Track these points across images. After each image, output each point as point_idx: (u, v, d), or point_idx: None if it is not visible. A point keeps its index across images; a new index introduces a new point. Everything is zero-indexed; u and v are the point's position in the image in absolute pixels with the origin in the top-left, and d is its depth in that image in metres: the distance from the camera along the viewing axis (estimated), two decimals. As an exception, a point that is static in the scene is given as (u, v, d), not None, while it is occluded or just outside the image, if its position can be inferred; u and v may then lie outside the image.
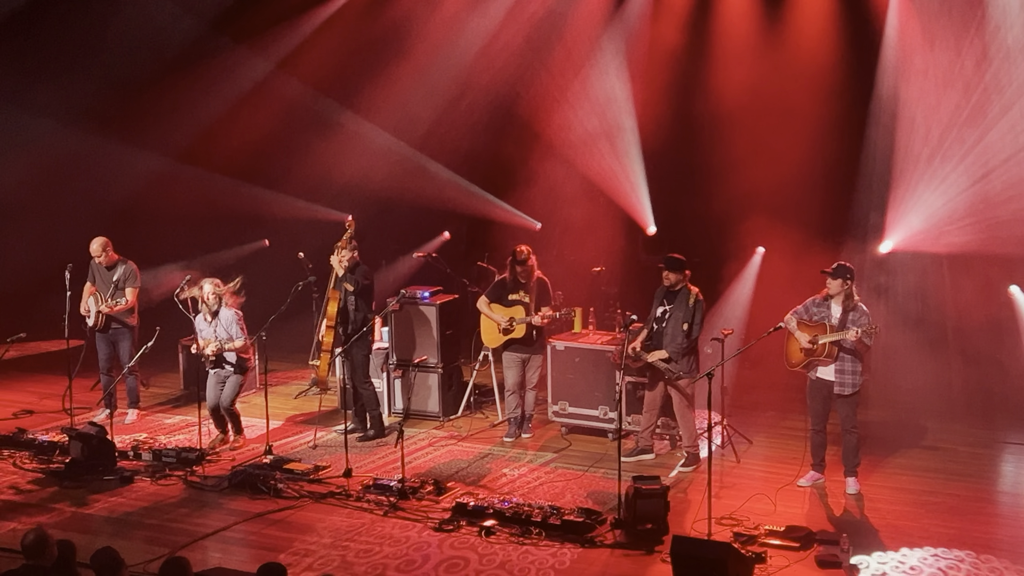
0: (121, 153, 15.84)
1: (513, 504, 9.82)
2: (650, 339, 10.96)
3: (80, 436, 11.10)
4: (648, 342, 10.95)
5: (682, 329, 10.72)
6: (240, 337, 11.58)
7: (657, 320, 10.95)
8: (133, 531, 9.73)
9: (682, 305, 10.80)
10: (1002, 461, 11.38)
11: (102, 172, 15.89)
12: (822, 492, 10.38)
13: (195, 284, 11.61)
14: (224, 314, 11.58)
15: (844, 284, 10.12)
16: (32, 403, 13.35)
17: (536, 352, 11.94)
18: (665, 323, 10.86)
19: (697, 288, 10.91)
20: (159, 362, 13.84)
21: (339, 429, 11.89)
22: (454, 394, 12.84)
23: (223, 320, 11.56)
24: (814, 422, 10.45)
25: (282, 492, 10.46)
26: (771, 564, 8.84)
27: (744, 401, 12.54)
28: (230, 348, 11.55)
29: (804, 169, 13.64)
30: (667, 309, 10.89)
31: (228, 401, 11.71)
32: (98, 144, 15.74)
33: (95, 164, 15.84)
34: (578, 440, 11.93)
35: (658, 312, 10.97)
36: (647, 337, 10.98)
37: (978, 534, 9.43)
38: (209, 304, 11.53)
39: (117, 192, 15.84)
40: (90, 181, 15.85)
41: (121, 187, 15.90)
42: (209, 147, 15.72)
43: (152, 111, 15.79)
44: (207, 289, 11.56)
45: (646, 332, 11.00)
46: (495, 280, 12.28)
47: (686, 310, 10.75)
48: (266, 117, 15.68)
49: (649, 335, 10.97)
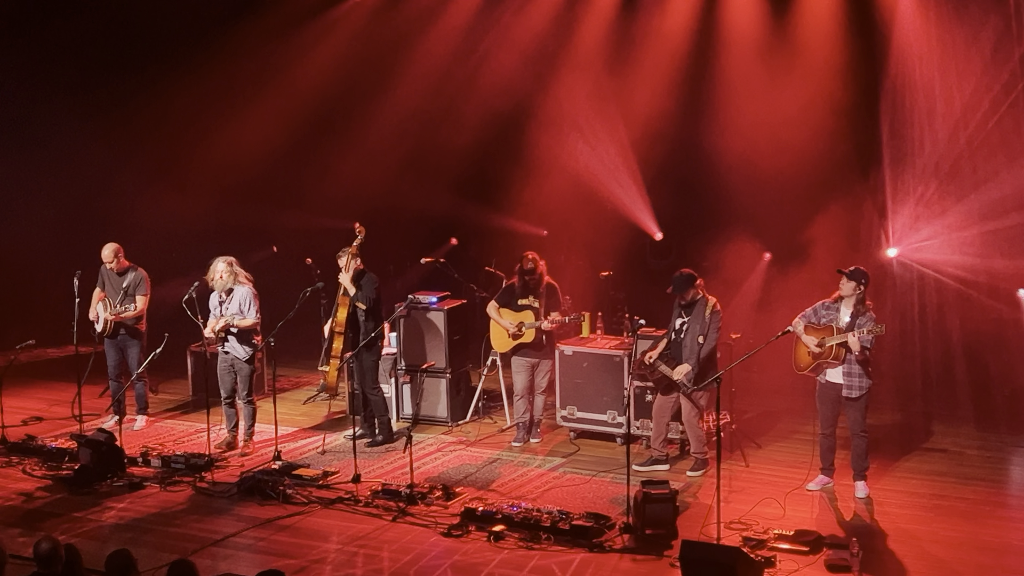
0: (128, 161, 15.90)
1: (522, 509, 9.82)
2: (668, 349, 10.93)
3: (89, 443, 11.11)
4: (667, 352, 10.91)
5: (698, 342, 10.71)
6: (252, 313, 11.59)
7: (676, 331, 10.92)
8: (142, 537, 9.73)
9: (699, 316, 10.76)
10: (1013, 464, 11.34)
11: (109, 178, 15.92)
12: (831, 496, 10.36)
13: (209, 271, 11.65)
14: (239, 291, 11.61)
15: (857, 288, 10.10)
16: (41, 410, 13.37)
17: (545, 357, 11.94)
18: (684, 335, 10.83)
19: (715, 298, 10.88)
20: (168, 368, 13.86)
21: (348, 434, 11.90)
22: (462, 399, 12.84)
23: (237, 295, 11.58)
24: (823, 426, 10.43)
25: (291, 498, 10.46)
26: (780, 568, 8.82)
27: (753, 405, 12.52)
28: (239, 324, 11.55)
29: (813, 173, 13.63)
30: (686, 321, 10.85)
31: (244, 393, 11.75)
32: (104, 151, 15.80)
33: (102, 170, 15.88)
34: (586, 445, 11.92)
35: (677, 324, 10.92)
36: (666, 347, 10.94)
37: (989, 538, 9.41)
38: (225, 280, 11.54)
39: (123, 199, 15.86)
40: (98, 187, 15.89)
41: (127, 194, 15.93)
42: (215, 155, 15.74)
43: (158, 119, 15.83)
44: (220, 267, 11.57)
45: (665, 342, 10.97)
46: (504, 285, 12.29)
47: (703, 322, 10.73)
48: (274, 125, 15.71)
49: (668, 345, 10.94)
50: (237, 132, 15.58)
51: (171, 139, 16.10)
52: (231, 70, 15.71)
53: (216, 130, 15.68)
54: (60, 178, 16.04)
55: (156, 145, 16.07)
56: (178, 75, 15.53)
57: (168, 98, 15.71)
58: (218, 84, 15.73)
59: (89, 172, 16.04)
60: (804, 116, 13.35)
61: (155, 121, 15.93)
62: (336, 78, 15.65)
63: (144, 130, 16.03)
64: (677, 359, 10.82)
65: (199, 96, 15.67)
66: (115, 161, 16.05)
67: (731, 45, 14.13)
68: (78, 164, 16.02)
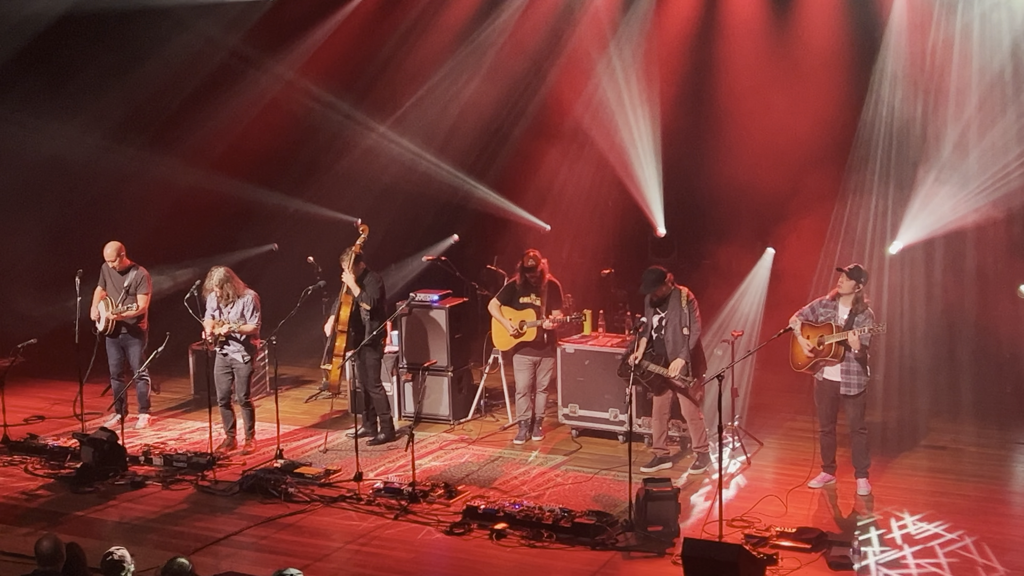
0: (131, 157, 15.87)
1: (524, 507, 9.82)
2: (651, 348, 10.88)
3: (91, 441, 11.12)
4: (650, 351, 10.87)
5: (683, 335, 10.68)
6: (253, 320, 11.60)
7: (656, 329, 10.88)
8: (144, 536, 9.75)
9: (676, 309, 10.72)
10: (1013, 461, 11.34)
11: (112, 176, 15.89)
12: (833, 493, 10.37)
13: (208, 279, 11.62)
14: (242, 296, 11.61)
15: (857, 286, 10.10)
16: (43, 408, 13.37)
17: (547, 355, 11.94)
18: (664, 330, 10.80)
19: (687, 288, 10.85)
20: (169, 367, 13.85)
21: (349, 433, 11.90)
22: (464, 397, 12.85)
23: (239, 301, 11.58)
24: (822, 423, 10.44)
25: (293, 496, 10.46)
26: (782, 566, 8.83)
27: (754, 403, 12.48)
28: (241, 330, 11.56)
29: (816, 170, 13.61)
30: (663, 316, 10.81)
31: (243, 394, 11.75)
32: (109, 148, 15.77)
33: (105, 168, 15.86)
34: (588, 443, 11.92)
35: (655, 321, 10.88)
36: (648, 346, 10.85)
37: (990, 534, 9.41)
38: (225, 291, 11.51)
39: (126, 196, 15.84)
40: (100, 185, 15.86)
41: (130, 191, 15.91)
42: (219, 151, 15.71)
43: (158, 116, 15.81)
44: (218, 277, 11.51)
45: (645, 341, 10.88)
46: (505, 283, 12.29)
47: (681, 314, 10.69)
48: (276, 122, 15.69)
49: (650, 343, 10.88)
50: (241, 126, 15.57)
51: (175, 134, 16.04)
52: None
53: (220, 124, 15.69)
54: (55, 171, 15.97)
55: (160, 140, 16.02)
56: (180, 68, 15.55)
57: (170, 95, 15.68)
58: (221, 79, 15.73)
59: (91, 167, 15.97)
60: (808, 110, 13.35)
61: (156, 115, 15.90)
62: (341, 73, 15.65)
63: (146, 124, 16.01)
64: (663, 356, 10.80)
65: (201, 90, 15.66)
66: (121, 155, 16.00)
67: (736, 38, 14.11)
68: (75, 158, 15.94)
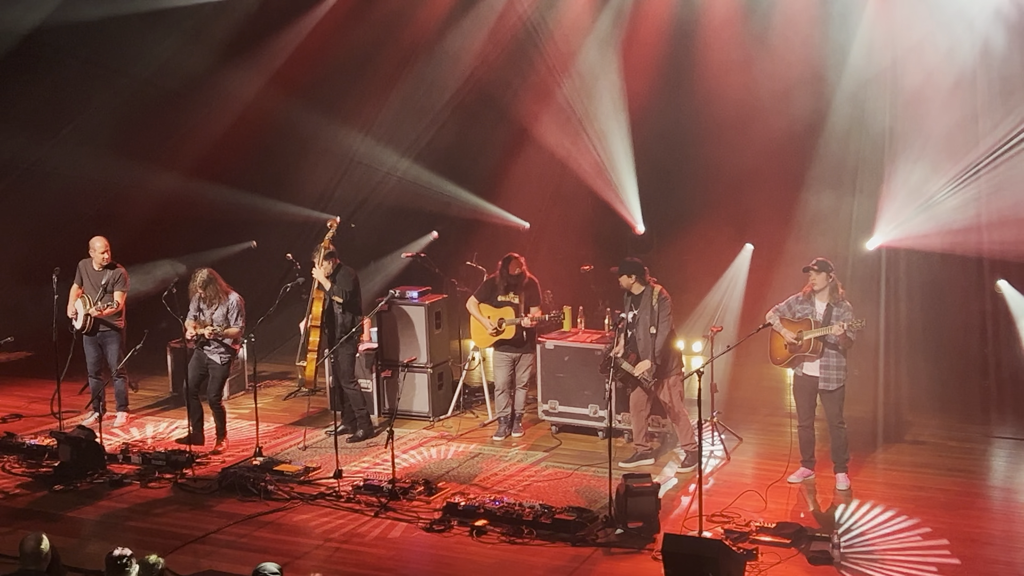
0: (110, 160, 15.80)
1: (504, 503, 9.81)
2: (628, 344, 10.88)
3: (69, 440, 11.06)
4: (627, 347, 10.86)
5: (650, 334, 10.68)
6: (237, 323, 11.55)
7: (630, 325, 10.86)
8: (122, 534, 9.65)
9: (647, 307, 10.72)
10: (992, 456, 11.38)
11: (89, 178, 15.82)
12: (812, 488, 10.39)
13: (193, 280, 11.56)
14: (227, 299, 11.56)
15: (829, 277, 10.13)
16: (20, 407, 13.28)
17: (526, 351, 11.92)
18: (636, 327, 10.80)
19: (660, 285, 10.84)
20: (147, 365, 13.79)
21: (329, 430, 11.86)
22: (444, 394, 12.83)
23: (224, 303, 11.52)
24: (801, 418, 10.45)
25: (272, 494, 10.42)
26: (762, 561, 8.84)
27: (734, 398, 12.53)
28: (225, 333, 11.50)
29: (793, 165, 13.64)
30: (636, 313, 10.83)
31: (214, 394, 11.68)
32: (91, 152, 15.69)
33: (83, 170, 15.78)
34: (568, 439, 11.91)
35: (629, 317, 10.87)
36: (626, 343, 10.84)
37: (969, 529, 9.44)
38: (208, 294, 11.46)
39: (102, 196, 15.75)
40: (76, 186, 15.77)
41: (107, 191, 15.83)
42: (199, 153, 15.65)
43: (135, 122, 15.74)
44: (201, 279, 11.47)
45: (622, 337, 10.88)
46: (484, 280, 12.27)
47: (651, 312, 10.69)
48: (255, 125, 15.63)
49: (627, 340, 10.89)
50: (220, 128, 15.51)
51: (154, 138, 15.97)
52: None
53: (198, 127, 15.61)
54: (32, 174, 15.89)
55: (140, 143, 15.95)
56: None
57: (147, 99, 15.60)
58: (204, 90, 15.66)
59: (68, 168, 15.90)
60: (786, 104, 13.37)
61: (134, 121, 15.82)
62: (315, 76, 15.61)
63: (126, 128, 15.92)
64: (635, 354, 10.79)
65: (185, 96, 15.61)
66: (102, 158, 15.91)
67: (711, 30, 14.11)
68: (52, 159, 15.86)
